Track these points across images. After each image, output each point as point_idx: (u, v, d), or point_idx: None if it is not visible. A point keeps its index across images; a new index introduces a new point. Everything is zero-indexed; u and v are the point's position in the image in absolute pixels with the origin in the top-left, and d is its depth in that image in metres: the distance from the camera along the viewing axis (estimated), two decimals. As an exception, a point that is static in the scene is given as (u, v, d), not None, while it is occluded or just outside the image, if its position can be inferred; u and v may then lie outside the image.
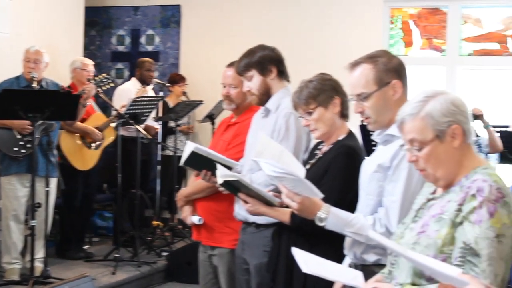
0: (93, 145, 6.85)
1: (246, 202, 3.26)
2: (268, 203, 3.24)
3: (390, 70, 2.85)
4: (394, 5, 8.38)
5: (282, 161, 3.21)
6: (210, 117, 8.09)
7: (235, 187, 3.28)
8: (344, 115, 3.36)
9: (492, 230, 2.13)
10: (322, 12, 8.46)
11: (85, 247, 7.31)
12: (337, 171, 3.19)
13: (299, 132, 3.69)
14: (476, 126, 6.01)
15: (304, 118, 3.35)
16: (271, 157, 3.17)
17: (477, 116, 5.91)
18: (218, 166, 3.33)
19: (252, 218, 3.66)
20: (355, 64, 2.88)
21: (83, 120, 6.72)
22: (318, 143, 3.50)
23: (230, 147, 4.09)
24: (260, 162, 2.93)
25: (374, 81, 2.84)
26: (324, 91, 3.30)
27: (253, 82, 3.85)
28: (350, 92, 2.92)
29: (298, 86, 3.39)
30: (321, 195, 2.86)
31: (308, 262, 2.34)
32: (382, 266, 2.60)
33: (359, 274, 2.41)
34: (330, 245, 2.99)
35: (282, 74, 3.93)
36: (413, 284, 2.25)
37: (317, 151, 3.46)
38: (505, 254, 2.15)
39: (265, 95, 3.87)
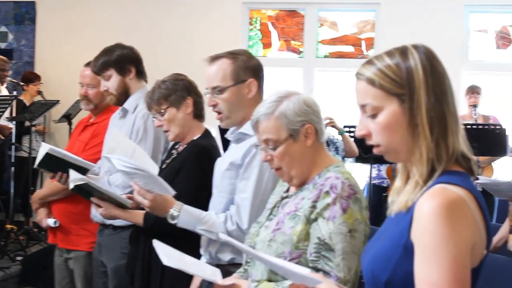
0: None
1: (99, 206, 3.21)
2: (121, 205, 3.21)
3: (248, 69, 2.89)
4: (253, 7, 8.48)
5: (134, 158, 3.19)
6: (67, 117, 7.88)
7: (87, 191, 3.23)
8: (198, 115, 3.37)
9: (345, 226, 2.20)
10: (181, 12, 8.44)
11: None
12: (189, 171, 3.19)
13: (157, 133, 3.66)
14: (332, 131, 6.17)
15: (157, 119, 3.33)
16: (124, 154, 3.13)
17: (329, 124, 6.07)
18: (71, 171, 3.26)
19: (109, 221, 3.59)
20: (215, 58, 2.90)
21: None
22: (176, 143, 3.49)
23: (87, 148, 4.01)
24: (112, 158, 2.88)
25: (231, 76, 2.86)
26: (176, 92, 3.30)
27: (111, 81, 3.79)
28: (206, 85, 2.93)
29: (152, 87, 3.37)
30: (173, 192, 2.85)
31: (169, 255, 2.32)
32: (238, 265, 2.64)
33: (217, 271, 2.42)
34: (187, 247, 2.98)
35: (141, 74, 3.89)
36: (269, 281, 2.28)
37: (173, 151, 3.44)
38: (357, 248, 2.21)
39: (123, 95, 3.81)
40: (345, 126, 6.19)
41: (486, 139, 5.67)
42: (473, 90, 6.96)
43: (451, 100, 1.69)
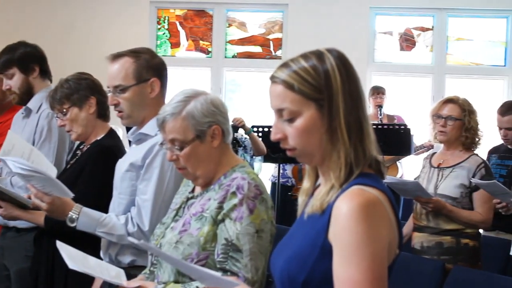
0: None
1: None
2: (23, 206, 3.11)
3: (151, 68, 2.85)
4: (161, 6, 8.41)
5: (31, 160, 3.12)
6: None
7: None
8: (102, 115, 3.30)
9: (252, 226, 2.21)
10: (89, 11, 8.27)
11: None
12: (91, 172, 3.14)
13: (62, 133, 3.58)
14: (241, 131, 6.18)
15: (59, 118, 3.25)
16: (20, 156, 3.05)
17: (238, 124, 6.07)
18: None
19: (13, 223, 3.50)
20: (117, 56, 2.85)
21: None
22: (81, 143, 3.41)
23: (-10, 148, 3.86)
24: (7, 161, 2.80)
25: (134, 75, 2.81)
26: (79, 91, 3.24)
27: (14, 80, 3.70)
28: (108, 83, 2.87)
29: (55, 85, 3.29)
30: (72, 195, 2.78)
31: (73, 257, 2.25)
32: (138, 267, 2.61)
33: (121, 272, 2.38)
34: (90, 247, 2.92)
35: (45, 73, 3.81)
36: (176, 282, 2.26)
37: (78, 151, 3.37)
38: (264, 248, 2.23)
39: (26, 95, 3.72)
40: (253, 126, 6.20)
41: (391, 138, 5.78)
42: (378, 91, 7.10)
43: (364, 104, 1.72)
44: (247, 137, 6.14)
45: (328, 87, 1.66)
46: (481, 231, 4.18)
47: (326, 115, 1.66)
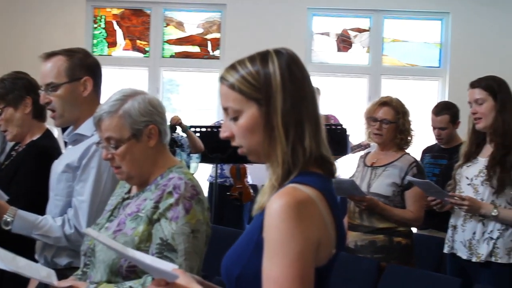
0: None
1: None
2: None
3: (84, 67, 2.83)
4: (97, 5, 8.30)
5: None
6: None
7: None
8: (38, 115, 3.25)
9: (188, 226, 2.20)
10: (24, 10, 8.10)
11: None
12: (26, 173, 3.08)
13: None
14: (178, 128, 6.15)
15: None
16: None
17: (176, 123, 6.05)
18: None
19: None
20: (50, 55, 2.82)
21: None
22: (16, 144, 3.34)
23: None
24: None
25: (66, 73, 2.79)
26: (14, 91, 3.19)
27: None
28: (41, 81, 2.85)
29: None
30: (6, 197, 2.73)
31: (2, 257, 2.20)
32: (75, 269, 2.57)
33: (52, 272, 2.34)
34: (22, 251, 2.85)
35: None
36: (109, 282, 2.24)
37: (13, 152, 3.30)
38: (199, 248, 2.23)
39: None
40: (191, 126, 6.18)
41: (328, 138, 5.81)
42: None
43: (311, 105, 1.73)
44: (184, 135, 6.11)
45: (267, 87, 1.69)
46: (414, 229, 4.25)
47: (264, 114, 1.69)
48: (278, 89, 1.68)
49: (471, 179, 3.70)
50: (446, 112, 4.92)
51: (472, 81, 3.77)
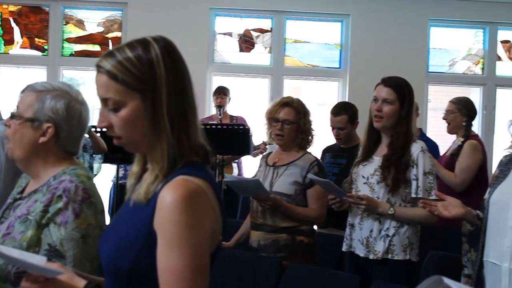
0: None
1: None
2: None
3: None
4: (-6, 1, 8.04)
5: None
6: None
7: None
8: None
9: (78, 231, 2.15)
10: None
11: None
12: None
13: None
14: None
15: None
16: None
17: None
18: None
19: None
20: None
21: None
22: None
23: None
24: None
25: None
26: None
27: None
28: None
29: None
30: None
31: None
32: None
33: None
34: None
35: None
36: None
37: None
38: (90, 254, 2.18)
39: None
40: (93, 126, 6.05)
41: (230, 138, 5.83)
42: (220, 91, 7.15)
43: (191, 95, 1.73)
44: (86, 135, 5.99)
45: (152, 78, 1.67)
46: (315, 227, 4.31)
47: (149, 107, 1.67)
48: (162, 80, 1.67)
49: (367, 177, 3.77)
50: (344, 112, 5.00)
51: (383, 78, 3.80)
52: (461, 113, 5.33)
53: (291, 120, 4.12)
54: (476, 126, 5.61)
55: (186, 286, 1.58)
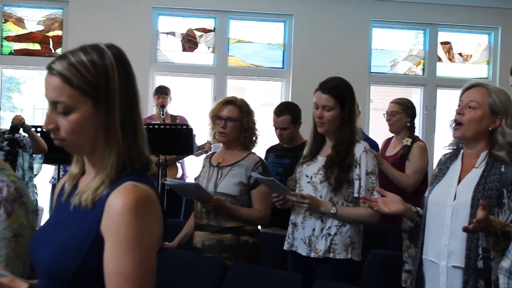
0: None
1: None
2: None
3: None
4: None
5: None
6: None
7: None
8: None
9: (10, 231, 2.14)
10: None
11: None
12: None
13: None
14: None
15: None
16: None
17: (19, 125, 5.80)
18: None
19: None
20: None
21: None
22: None
23: None
24: None
25: None
26: None
27: None
28: None
29: None
30: None
31: None
32: None
33: None
34: None
35: None
36: None
37: None
38: (22, 253, 2.17)
39: None
40: (33, 126, 5.96)
41: (173, 138, 5.81)
42: (161, 91, 7.11)
43: (139, 104, 1.76)
44: (26, 135, 5.89)
45: (106, 85, 1.67)
46: (259, 227, 4.32)
47: (102, 113, 1.68)
48: (116, 88, 1.68)
49: (311, 177, 3.80)
50: (287, 112, 5.02)
51: (321, 83, 3.80)
52: (405, 114, 5.40)
53: (234, 118, 4.12)
54: (417, 126, 5.69)
55: None
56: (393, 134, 5.55)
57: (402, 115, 5.41)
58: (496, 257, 2.85)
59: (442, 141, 3.32)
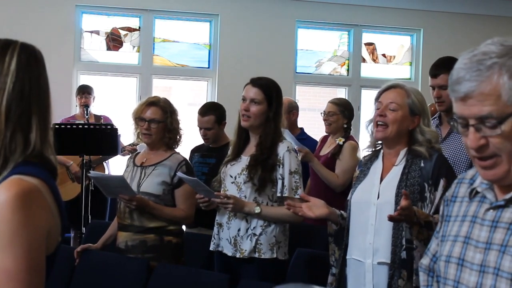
0: None
1: None
2: None
3: None
4: None
5: None
6: None
7: None
8: None
9: None
10: None
11: None
12: None
13: None
14: None
15: None
16: None
17: None
18: None
19: None
20: None
21: None
22: None
23: None
24: None
25: None
26: None
27: None
28: None
29: None
30: None
31: None
32: None
33: None
34: None
35: None
36: None
37: None
38: None
39: None
40: None
41: (98, 138, 5.70)
42: (84, 90, 6.99)
43: (43, 105, 1.72)
44: None
45: None
46: (184, 227, 4.30)
47: None
48: (9, 72, 1.66)
49: (235, 177, 3.79)
50: (212, 112, 5.01)
51: (253, 78, 3.82)
52: (343, 115, 5.37)
53: (157, 120, 4.10)
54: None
55: (19, 287, 1.56)
56: (330, 134, 5.51)
57: (339, 116, 5.36)
58: (419, 246, 2.91)
59: (366, 141, 3.37)
